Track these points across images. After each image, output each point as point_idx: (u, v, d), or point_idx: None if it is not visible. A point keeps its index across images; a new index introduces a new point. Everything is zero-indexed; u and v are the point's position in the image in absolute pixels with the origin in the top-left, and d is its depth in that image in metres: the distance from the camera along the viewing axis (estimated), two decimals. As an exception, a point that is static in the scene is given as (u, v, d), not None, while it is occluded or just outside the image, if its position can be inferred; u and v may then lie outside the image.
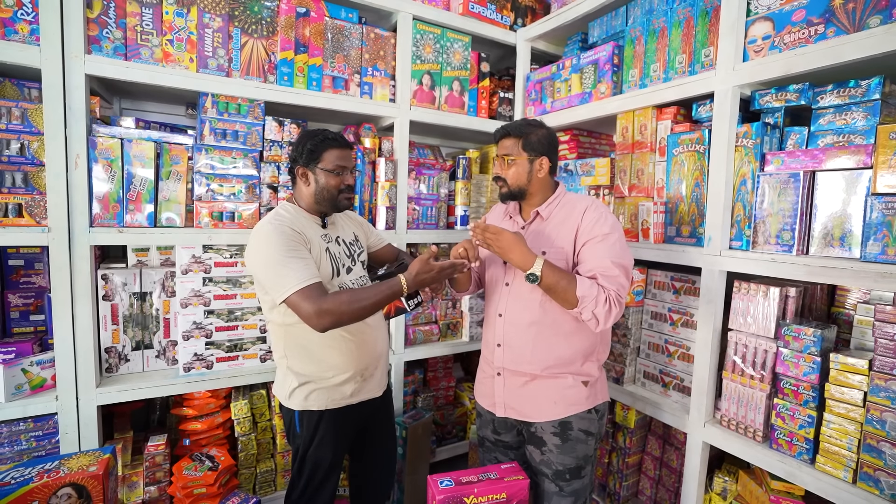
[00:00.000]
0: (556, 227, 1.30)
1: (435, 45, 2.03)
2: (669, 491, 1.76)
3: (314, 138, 1.32)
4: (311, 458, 1.32)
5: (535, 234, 1.33)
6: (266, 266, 1.21)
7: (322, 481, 1.34)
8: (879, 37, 1.07)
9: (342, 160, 1.33)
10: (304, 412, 1.32)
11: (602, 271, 1.19)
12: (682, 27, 1.55)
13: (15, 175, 1.39)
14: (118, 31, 1.48)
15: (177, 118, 1.95)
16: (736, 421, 1.39)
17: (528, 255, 1.18)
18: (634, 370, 1.76)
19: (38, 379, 1.46)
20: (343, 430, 1.36)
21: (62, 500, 1.04)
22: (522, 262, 1.18)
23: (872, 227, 1.09)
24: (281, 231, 1.22)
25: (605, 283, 1.18)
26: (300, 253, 1.22)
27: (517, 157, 1.31)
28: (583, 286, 1.16)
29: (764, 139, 1.34)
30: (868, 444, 1.11)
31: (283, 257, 1.19)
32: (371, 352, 1.39)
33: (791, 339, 1.26)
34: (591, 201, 1.31)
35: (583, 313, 1.17)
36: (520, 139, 1.31)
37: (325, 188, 1.32)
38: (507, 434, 1.41)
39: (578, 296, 1.15)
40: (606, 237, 1.22)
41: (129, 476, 1.59)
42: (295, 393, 1.32)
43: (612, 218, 1.28)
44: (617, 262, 1.20)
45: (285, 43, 1.72)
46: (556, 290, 1.17)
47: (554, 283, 1.16)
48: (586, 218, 1.26)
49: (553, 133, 1.35)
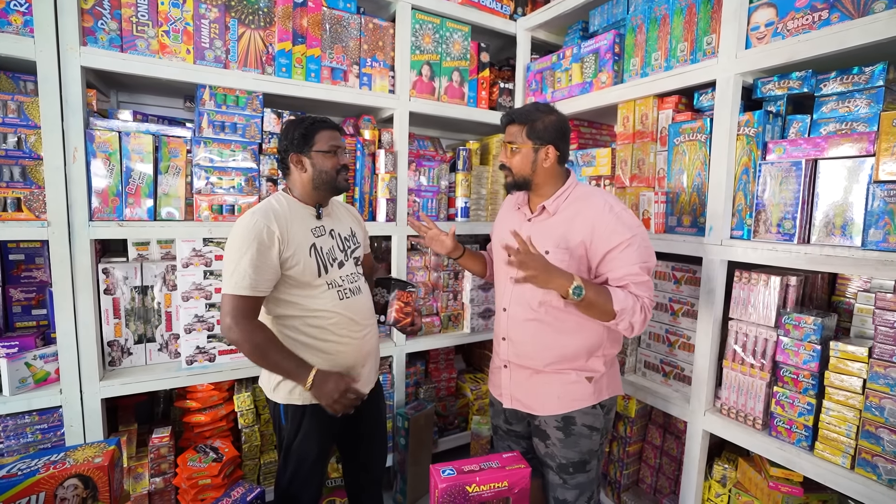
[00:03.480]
0: (563, 225, 1.24)
1: (434, 35, 2.01)
2: (669, 479, 1.78)
3: (302, 124, 1.31)
4: (297, 451, 1.32)
5: (540, 230, 1.28)
6: (226, 255, 1.23)
7: (309, 473, 1.35)
8: (885, 21, 1.06)
9: (335, 140, 1.33)
10: (288, 406, 1.32)
11: (633, 279, 1.17)
12: (684, 14, 1.53)
13: (13, 169, 1.38)
14: (113, 22, 1.47)
15: (175, 111, 1.93)
16: (736, 409, 1.39)
17: (564, 276, 1.11)
18: (635, 360, 1.76)
19: (42, 373, 1.46)
20: (328, 424, 1.35)
21: (69, 490, 1.05)
22: (561, 285, 1.11)
23: (874, 216, 1.09)
24: (255, 228, 1.20)
25: (637, 290, 1.16)
26: (260, 259, 1.19)
27: (521, 146, 1.26)
28: (618, 299, 1.13)
29: (766, 128, 1.33)
30: (867, 431, 1.12)
31: (240, 256, 1.19)
32: (358, 351, 1.37)
33: (791, 327, 1.27)
34: (603, 202, 1.23)
35: (619, 324, 1.15)
36: (524, 126, 1.25)
37: (323, 170, 1.31)
38: (517, 424, 1.42)
39: (616, 310, 1.13)
40: (631, 241, 1.17)
41: (134, 468, 1.61)
42: (280, 386, 1.31)
43: (628, 215, 1.22)
44: (644, 266, 1.18)
45: (283, 34, 1.70)
46: (595, 306, 1.14)
47: (593, 298, 1.12)
48: (603, 226, 1.19)
49: (563, 119, 1.28)
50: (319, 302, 1.30)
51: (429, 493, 1.21)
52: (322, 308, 1.30)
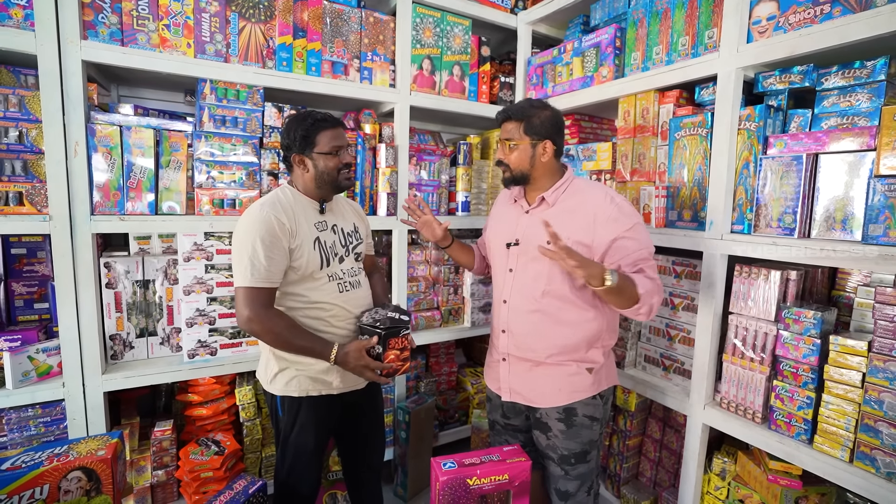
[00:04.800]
0: (564, 216, 1.27)
1: (435, 29, 2.00)
2: (669, 472, 1.79)
3: (303, 123, 1.29)
4: (294, 442, 1.33)
5: (539, 221, 1.29)
6: (237, 249, 1.23)
7: (307, 465, 1.36)
8: (887, 15, 1.05)
9: (337, 139, 1.32)
10: (285, 397, 1.32)
11: (644, 263, 1.20)
12: (686, 8, 1.52)
13: (14, 163, 1.38)
14: (114, 16, 1.46)
15: (175, 105, 1.93)
16: (736, 403, 1.40)
17: (597, 265, 1.13)
18: (636, 354, 1.77)
19: (45, 366, 1.47)
20: (324, 417, 1.36)
21: (72, 483, 1.06)
22: (599, 272, 1.11)
23: (875, 210, 1.09)
24: (266, 220, 1.20)
25: (651, 273, 1.20)
26: (273, 251, 1.20)
27: (519, 142, 1.28)
28: (641, 283, 1.16)
29: (767, 122, 1.33)
30: (865, 424, 1.13)
31: (253, 248, 1.19)
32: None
33: (791, 321, 1.27)
34: (603, 194, 1.27)
35: (642, 308, 1.17)
36: (521, 122, 1.27)
37: (325, 171, 1.31)
38: (515, 418, 1.43)
39: (641, 293, 1.15)
40: (634, 228, 1.22)
41: (136, 461, 1.62)
42: (277, 378, 1.31)
43: (627, 205, 1.25)
44: (650, 250, 1.23)
45: (284, 27, 1.70)
46: (625, 291, 1.14)
47: (623, 284, 1.13)
48: (605, 217, 1.22)
49: (558, 114, 1.31)
50: (320, 294, 1.31)
51: (430, 487, 1.22)
52: (322, 300, 1.31)
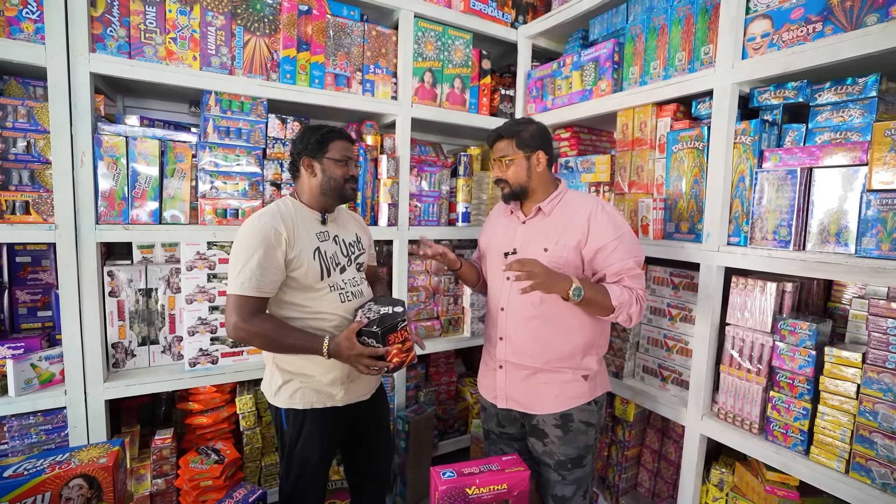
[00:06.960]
0: (559, 225, 1.32)
1: (436, 42, 2.04)
2: (667, 483, 1.79)
3: (319, 130, 1.35)
4: (298, 455, 1.33)
5: (538, 230, 1.35)
6: (232, 257, 1.25)
7: (311, 477, 1.36)
8: (876, 35, 1.08)
9: (347, 150, 1.37)
10: (289, 410, 1.33)
11: (627, 272, 1.26)
12: (682, 24, 1.56)
13: (22, 173, 1.41)
14: (122, 29, 1.50)
15: (180, 116, 1.96)
16: (733, 414, 1.41)
17: (564, 279, 1.19)
18: (634, 364, 1.78)
19: (47, 374, 1.48)
20: (329, 429, 1.36)
21: (74, 490, 1.06)
22: (563, 288, 1.19)
23: (867, 223, 1.11)
24: (262, 230, 1.22)
25: (631, 283, 1.26)
26: (267, 261, 1.22)
27: (514, 157, 1.34)
28: (615, 294, 1.22)
29: (762, 136, 1.35)
30: (861, 435, 1.14)
31: (248, 257, 1.21)
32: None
33: (787, 333, 1.28)
34: (595, 203, 1.33)
35: (619, 317, 1.24)
36: (513, 138, 1.34)
37: (332, 177, 1.34)
38: (510, 426, 1.44)
39: (615, 304, 1.22)
40: (621, 238, 1.27)
41: (136, 469, 1.62)
42: (281, 390, 1.32)
43: (618, 216, 1.31)
44: (636, 260, 1.28)
45: (287, 41, 1.73)
46: (595, 303, 1.23)
47: (592, 296, 1.21)
48: (596, 224, 1.28)
49: (544, 127, 1.38)
50: (321, 304, 1.32)
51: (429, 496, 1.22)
52: (324, 310, 1.32)
